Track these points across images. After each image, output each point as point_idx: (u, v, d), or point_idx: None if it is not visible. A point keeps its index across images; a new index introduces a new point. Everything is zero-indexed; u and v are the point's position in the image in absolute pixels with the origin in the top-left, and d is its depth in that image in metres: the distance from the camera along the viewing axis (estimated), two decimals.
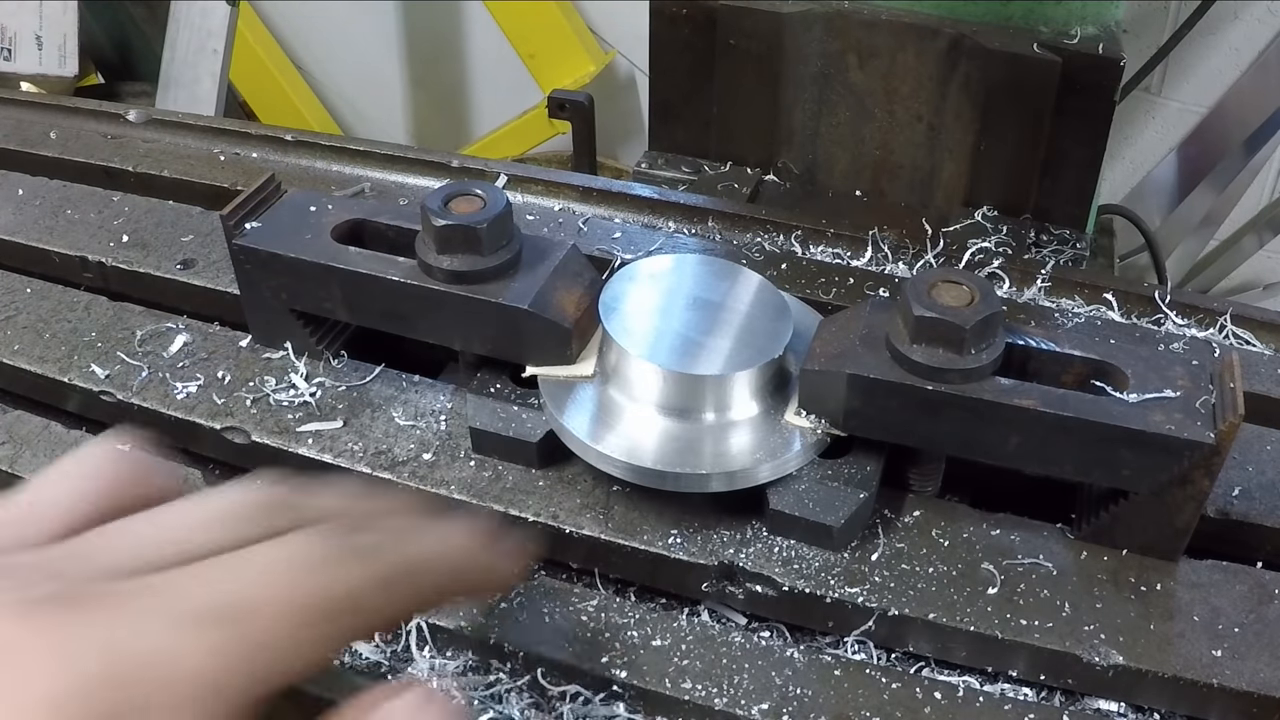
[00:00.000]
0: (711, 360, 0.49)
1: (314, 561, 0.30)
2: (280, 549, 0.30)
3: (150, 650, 0.26)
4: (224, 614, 0.27)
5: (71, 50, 1.75)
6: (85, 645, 0.25)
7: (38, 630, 0.25)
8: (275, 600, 0.29)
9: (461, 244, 0.51)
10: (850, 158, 0.89)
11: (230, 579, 0.29)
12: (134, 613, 0.26)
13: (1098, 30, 0.79)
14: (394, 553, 0.32)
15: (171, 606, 0.27)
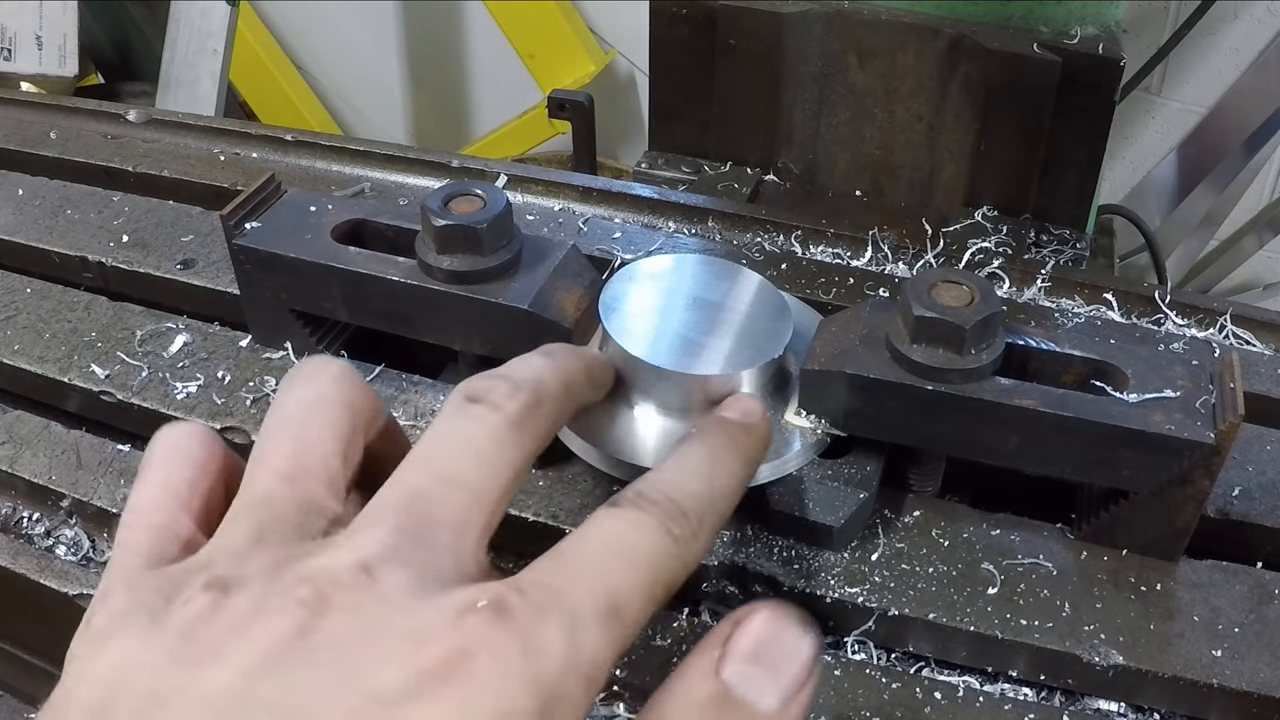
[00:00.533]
0: (711, 360, 0.49)
1: (668, 543, 0.33)
2: (634, 531, 0.33)
3: (570, 649, 0.29)
4: (610, 611, 0.30)
5: (71, 50, 1.75)
6: (545, 648, 0.29)
7: (510, 633, 0.29)
8: (644, 591, 0.32)
9: (461, 244, 0.51)
10: (850, 158, 0.89)
11: (602, 571, 0.31)
12: (554, 617, 0.29)
13: (1098, 30, 0.79)
14: (725, 497, 0.36)
15: (571, 607, 0.30)
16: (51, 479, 0.55)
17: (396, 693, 0.27)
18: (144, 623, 0.31)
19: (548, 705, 0.28)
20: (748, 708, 0.31)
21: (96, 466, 0.56)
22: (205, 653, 0.29)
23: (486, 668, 0.28)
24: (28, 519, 0.56)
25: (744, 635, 0.32)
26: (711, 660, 0.31)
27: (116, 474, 0.56)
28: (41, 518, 0.56)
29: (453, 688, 0.27)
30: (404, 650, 0.28)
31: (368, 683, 0.28)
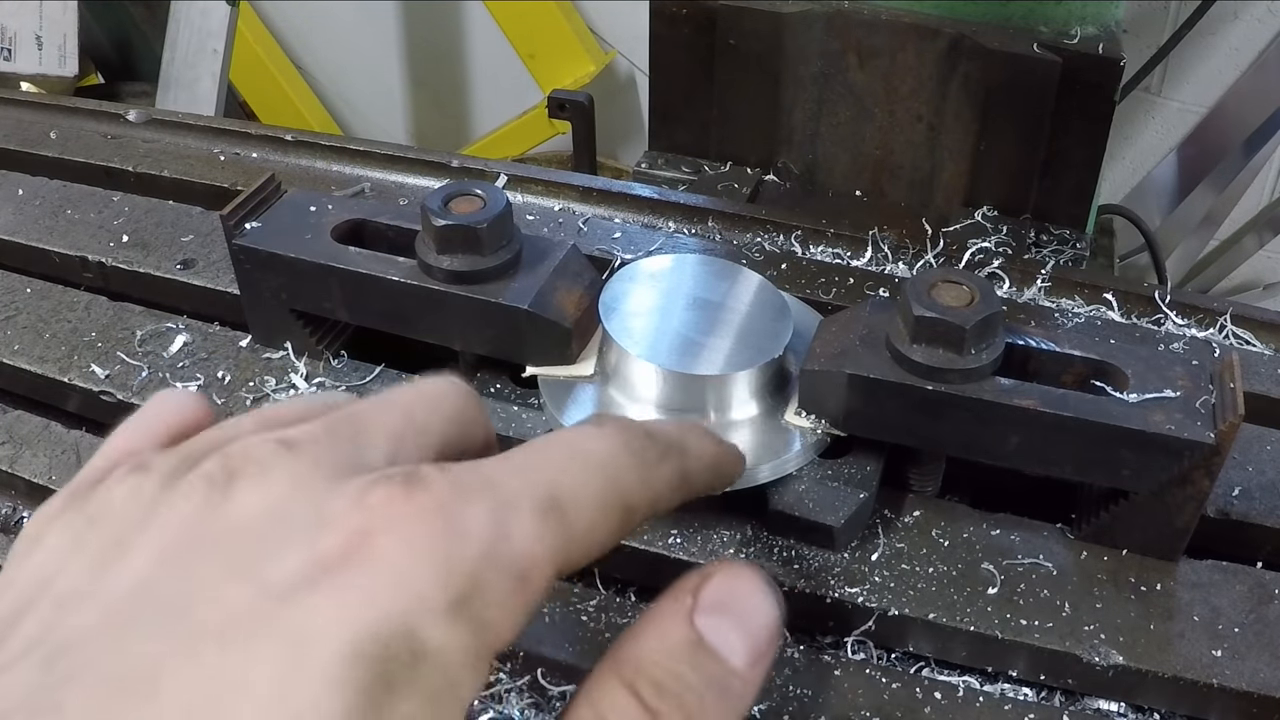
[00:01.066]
0: (711, 360, 0.49)
1: (627, 457, 0.31)
2: (593, 440, 0.31)
3: (495, 536, 0.27)
4: (550, 505, 0.28)
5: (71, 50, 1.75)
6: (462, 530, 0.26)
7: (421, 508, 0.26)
8: (593, 496, 0.30)
9: (461, 244, 0.51)
10: (850, 158, 0.89)
11: (551, 469, 0.29)
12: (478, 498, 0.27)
13: (1098, 30, 0.79)
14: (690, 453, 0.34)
15: (503, 494, 0.28)
16: (51, 479, 0.55)
17: (292, 583, 0.25)
18: (70, 520, 0.30)
19: (461, 598, 0.26)
20: (720, 659, 0.30)
21: None
22: (113, 546, 0.28)
23: (388, 550, 0.26)
24: (28, 519, 0.56)
25: (713, 588, 0.31)
26: (684, 607, 0.30)
27: None
28: None
29: (350, 574, 0.25)
30: (305, 534, 0.26)
31: (263, 574, 0.26)
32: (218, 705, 0.24)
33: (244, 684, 0.24)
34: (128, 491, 0.29)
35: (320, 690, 0.24)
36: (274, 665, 0.24)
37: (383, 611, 0.25)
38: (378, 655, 0.24)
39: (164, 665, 0.24)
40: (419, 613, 0.25)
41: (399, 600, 0.25)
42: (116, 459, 0.32)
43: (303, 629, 0.24)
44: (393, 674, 0.24)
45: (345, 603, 0.25)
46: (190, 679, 0.24)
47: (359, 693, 0.24)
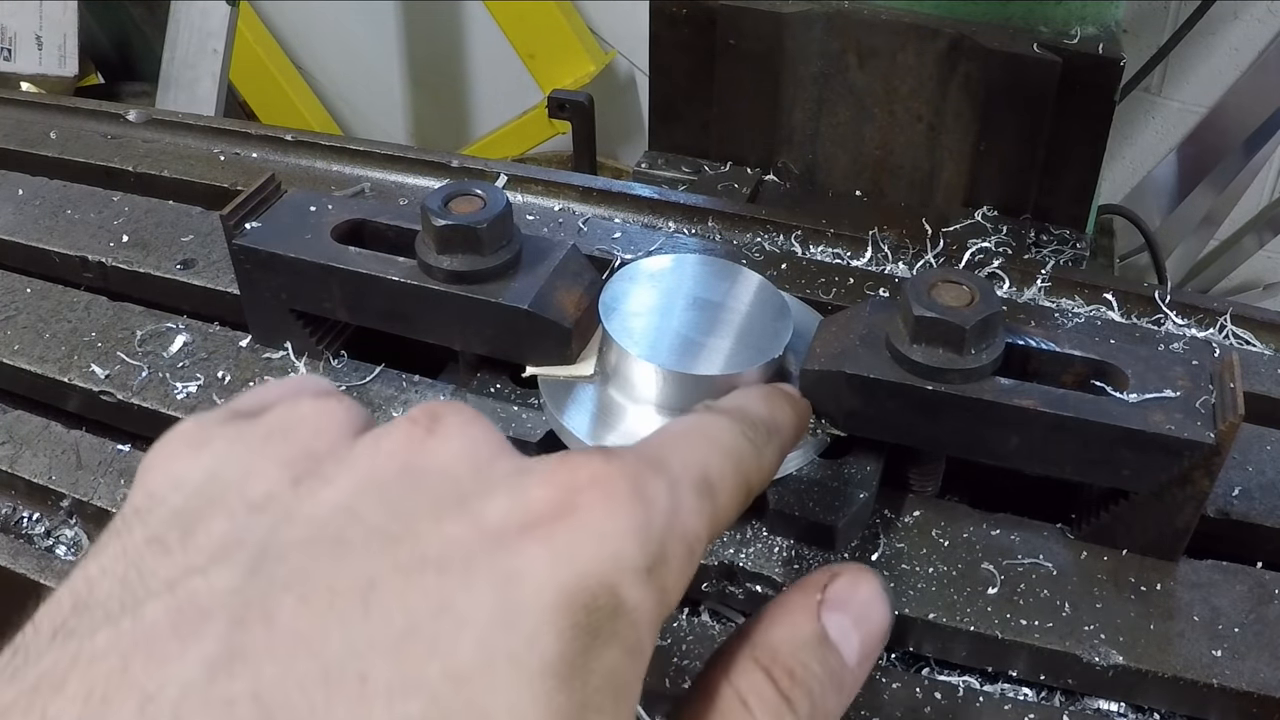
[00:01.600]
0: (711, 360, 0.49)
1: (747, 444, 0.34)
2: (723, 429, 0.34)
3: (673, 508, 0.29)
4: (705, 485, 0.31)
5: (71, 50, 1.75)
6: (653, 497, 0.28)
7: (621, 473, 0.28)
8: (730, 478, 0.32)
9: (461, 244, 0.51)
10: (850, 158, 0.89)
11: (701, 453, 0.32)
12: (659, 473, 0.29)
13: (1098, 30, 0.79)
14: (784, 431, 0.37)
15: (674, 472, 0.30)
16: (51, 479, 0.55)
17: (505, 526, 0.27)
18: (244, 430, 0.30)
19: (653, 564, 0.28)
20: (839, 654, 0.32)
21: (96, 466, 0.56)
22: (308, 463, 0.29)
23: (595, 509, 0.27)
24: (28, 519, 0.56)
25: (839, 586, 0.33)
26: (814, 603, 0.33)
27: (116, 474, 0.56)
28: (41, 518, 0.56)
29: (561, 526, 0.27)
30: (512, 484, 0.28)
31: (478, 513, 0.27)
32: (436, 629, 0.25)
33: (463, 612, 0.25)
34: (317, 415, 0.31)
35: (537, 628, 0.25)
36: (492, 599, 0.25)
37: (590, 565, 0.26)
38: (585, 605, 0.26)
39: (381, 585, 0.25)
40: (621, 571, 0.27)
41: (604, 557, 0.26)
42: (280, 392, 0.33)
43: (517, 569, 0.26)
44: (598, 624, 0.26)
45: (556, 551, 0.26)
46: (408, 602, 0.25)
47: (571, 635, 0.25)
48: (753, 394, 0.38)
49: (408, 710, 0.24)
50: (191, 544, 0.27)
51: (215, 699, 0.23)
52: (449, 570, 0.26)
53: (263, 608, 0.25)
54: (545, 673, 0.25)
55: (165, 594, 0.26)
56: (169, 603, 0.25)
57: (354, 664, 0.24)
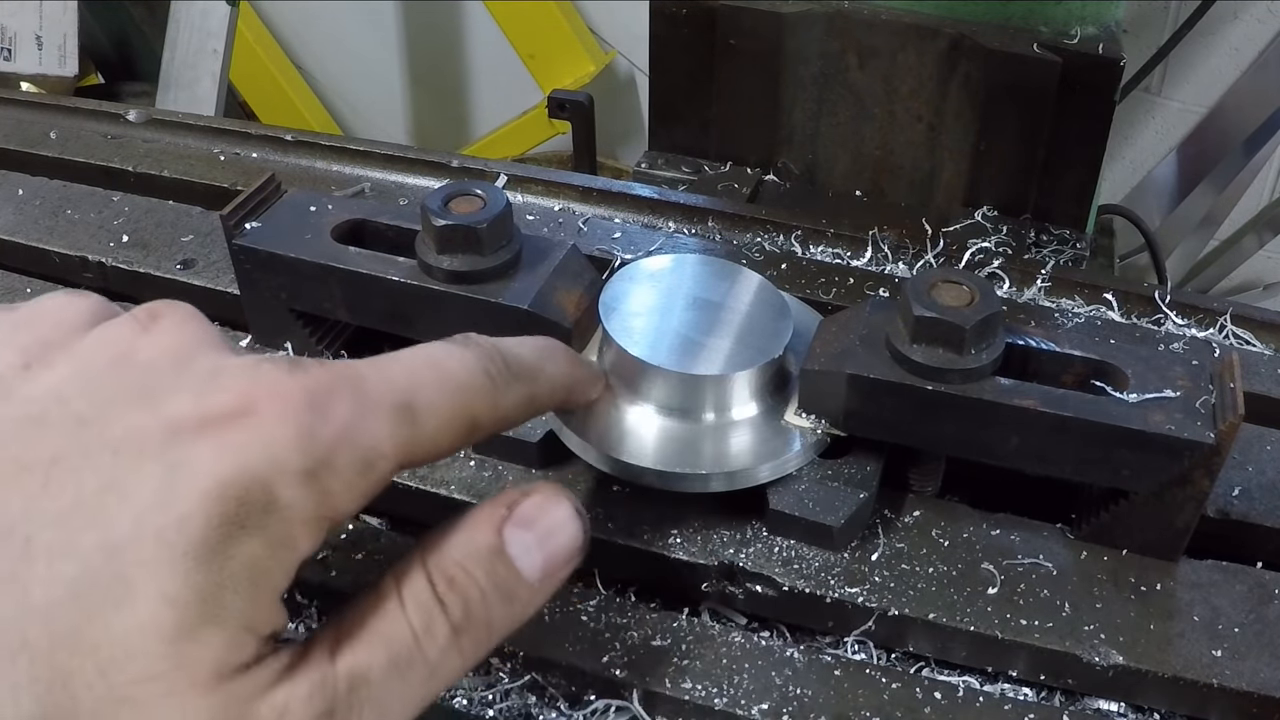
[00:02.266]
0: (711, 360, 0.49)
1: (481, 379, 0.36)
2: (454, 360, 0.36)
3: (352, 424, 0.32)
4: (404, 409, 0.33)
5: (71, 50, 1.75)
6: (328, 409, 0.31)
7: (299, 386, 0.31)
8: (444, 408, 0.34)
9: (461, 244, 0.51)
10: (850, 158, 0.89)
11: (412, 379, 0.34)
12: (346, 390, 0.32)
13: (1098, 30, 0.79)
14: (541, 379, 0.39)
15: (367, 390, 0.32)
16: None
17: (183, 421, 0.30)
18: (6, 323, 0.34)
19: (314, 469, 0.30)
20: (513, 568, 0.34)
21: None
22: (39, 349, 0.33)
23: (263, 416, 0.30)
24: None
25: (527, 504, 0.35)
26: (497, 517, 0.35)
27: None
28: None
29: (229, 428, 0.30)
30: (202, 384, 0.31)
31: (162, 407, 0.31)
32: (101, 504, 0.29)
33: (127, 492, 0.29)
34: (61, 309, 0.34)
35: (187, 512, 0.29)
36: (155, 482, 0.29)
37: (249, 463, 0.30)
38: (236, 497, 0.29)
39: (63, 463, 0.29)
40: (277, 471, 0.30)
41: (263, 458, 0.30)
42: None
43: (184, 459, 0.29)
44: (245, 515, 0.29)
45: (221, 449, 0.30)
46: (81, 478, 0.29)
47: (217, 522, 0.29)
48: (525, 341, 0.40)
49: (63, 571, 0.28)
50: None
51: None
52: (123, 454, 0.30)
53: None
54: (189, 553, 0.28)
55: None
56: None
57: (24, 527, 0.29)
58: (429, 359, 0.35)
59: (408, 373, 0.34)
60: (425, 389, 0.34)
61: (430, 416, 0.34)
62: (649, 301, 0.51)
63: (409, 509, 0.53)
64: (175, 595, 0.28)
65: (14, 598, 0.28)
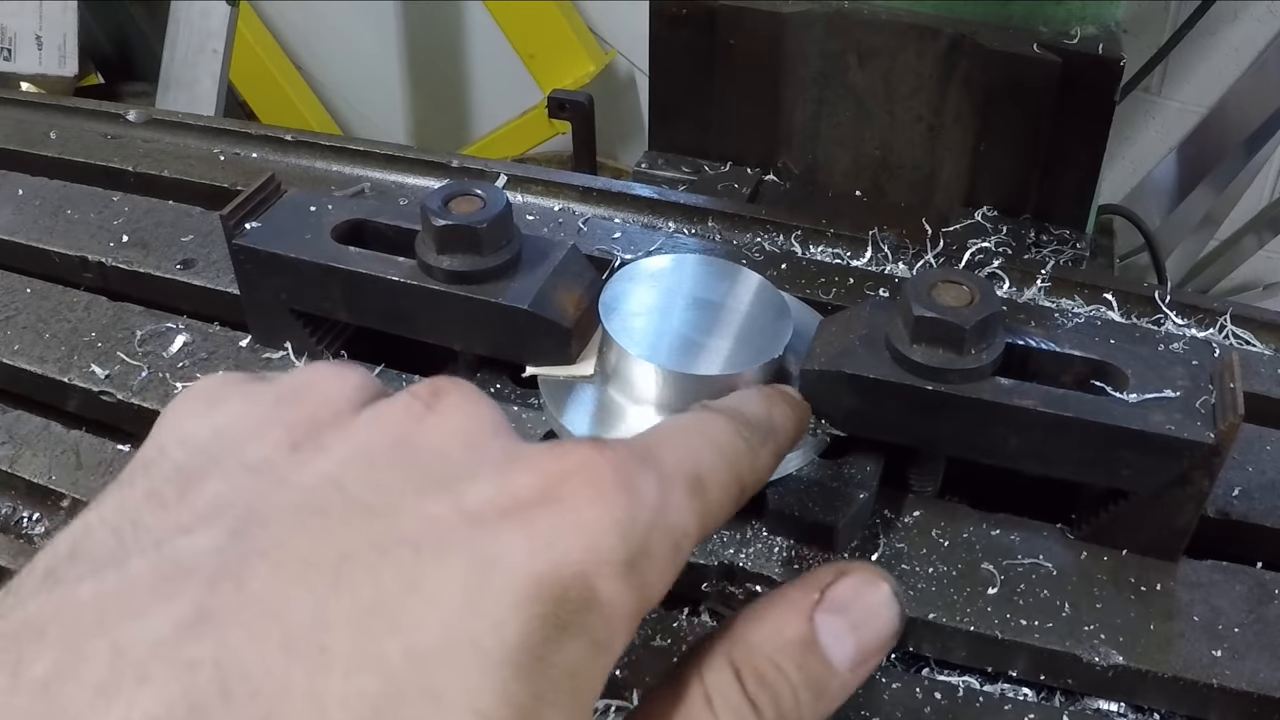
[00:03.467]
0: (711, 360, 0.49)
1: (742, 444, 0.34)
2: (718, 429, 0.34)
3: (662, 504, 0.29)
4: (697, 483, 0.31)
5: (71, 50, 1.75)
6: (639, 490, 0.28)
7: (609, 465, 0.28)
8: (723, 478, 0.32)
9: (461, 244, 0.51)
10: (850, 158, 0.89)
11: (694, 451, 0.32)
12: (649, 468, 0.29)
13: (1098, 30, 0.79)
14: (780, 433, 0.37)
15: (665, 468, 0.30)
16: (51, 479, 0.55)
17: (486, 509, 0.27)
18: (258, 391, 0.31)
19: (634, 559, 0.27)
20: (825, 660, 0.31)
21: (96, 466, 0.56)
22: (310, 429, 0.29)
23: (578, 495, 0.27)
24: (28, 519, 0.56)
25: (843, 587, 0.33)
26: (810, 602, 0.32)
27: (116, 474, 0.56)
28: (41, 517, 0.56)
29: (542, 513, 0.27)
30: (500, 467, 0.28)
31: (460, 494, 0.27)
32: (402, 608, 0.25)
33: (431, 593, 0.25)
34: (327, 382, 0.31)
35: (503, 614, 0.25)
36: (463, 581, 0.25)
37: (567, 555, 0.26)
38: (557, 596, 0.26)
39: (354, 559, 0.25)
40: (599, 563, 0.26)
41: (583, 548, 0.26)
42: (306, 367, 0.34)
43: (492, 554, 0.26)
44: (567, 616, 0.26)
45: (534, 538, 0.26)
46: (378, 577, 0.25)
47: (538, 625, 0.25)
48: (751, 395, 0.38)
49: (364, 685, 0.24)
50: (185, 502, 0.28)
51: (180, 660, 0.24)
52: (423, 549, 0.26)
53: (237, 572, 0.25)
54: (505, 660, 0.25)
55: (152, 550, 0.26)
56: (154, 559, 0.26)
57: (317, 635, 0.24)
58: (697, 429, 0.33)
59: (689, 445, 0.32)
60: (706, 461, 0.32)
61: (714, 487, 0.31)
62: (649, 301, 0.51)
63: None
64: (490, 711, 0.24)
65: (311, 717, 0.24)
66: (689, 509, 0.30)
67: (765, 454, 0.35)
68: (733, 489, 0.32)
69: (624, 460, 0.28)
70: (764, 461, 0.35)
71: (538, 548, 0.26)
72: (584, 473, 0.28)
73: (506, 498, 0.27)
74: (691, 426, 0.33)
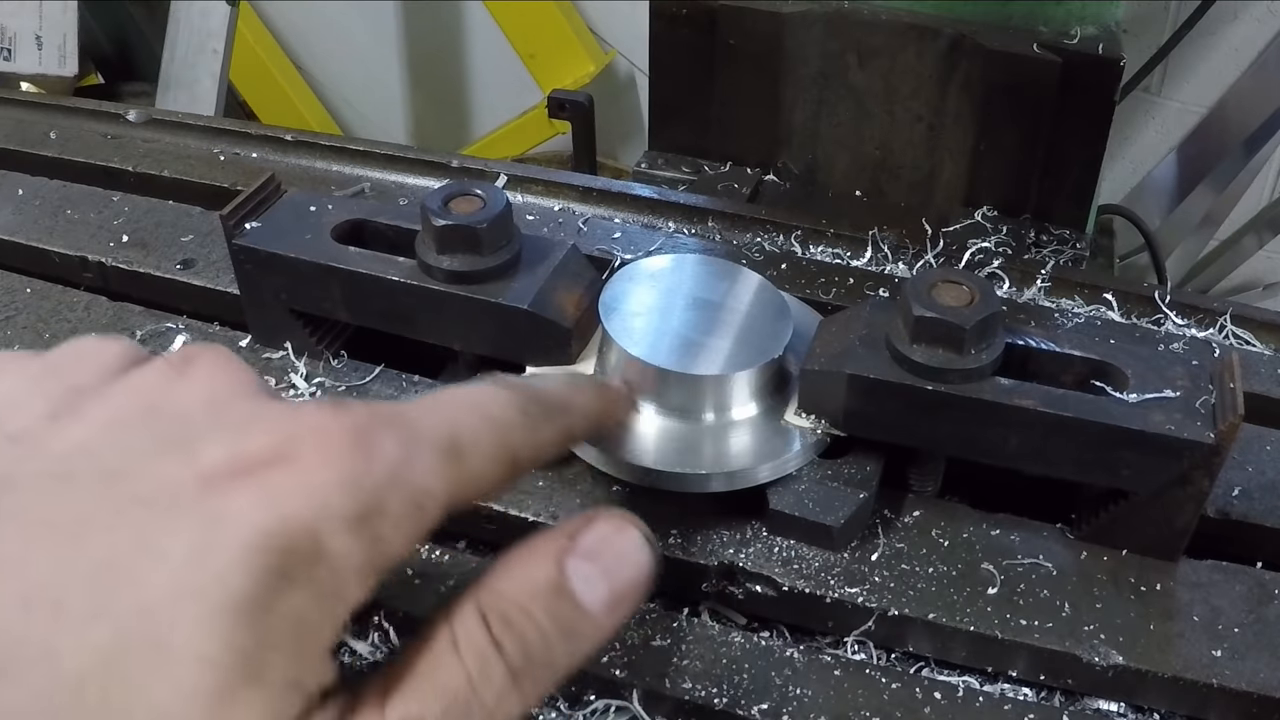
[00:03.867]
0: (711, 360, 0.49)
1: (518, 416, 0.35)
2: (491, 399, 0.34)
3: (401, 464, 0.30)
4: (450, 447, 0.32)
5: (71, 50, 1.75)
6: (376, 450, 0.30)
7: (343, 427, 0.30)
8: (487, 446, 0.33)
9: (461, 244, 0.51)
10: (850, 158, 0.89)
11: (454, 417, 0.33)
12: (392, 430, 0.30)
13: (1098, 30, 0.79)
14: (574, 412, 0.38)
15: (413, 430, 0.31)
16: None
17: (219, 469, 0.28)
18: (29, 364, 0.33)
19: (364, 515, 0.29)
20: (576, 603, 0.32)
21: None
22: (71, 399, 0.31)
23: (309, 455, 0.29)
24: None
25: (593, 533, 0.34)
26: (558, 548, 0.33)
27: None
28: None
29: (272, 473, 0.28)
30: (239, 429, 0.30)
31: (196, 456, 0.29)
32: (134, 564, 0.27)
33: (161, 550, 0.27)
34: (91, 353, 0.33)
35: (227, 568, 0.27)
36: (190, 538, 0.27)
37: (293, 511, 0.28)
38: (282, 548, 0.27)
39: (92, 520, 0.28)
40: (325, 519, 0.28)
41: (310, 505, 0.28)
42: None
43: (221, 511, 0.28)
44: (291, 567, 0.27)
45: (262, 497, 0.28)
46: (113, 537, 0.27)
47: (261, 576, 0.27)
48: (550, 377, 0.40)
49: (95, 636, 0.26)
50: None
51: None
52: (156, 509, 0.28)
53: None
54: (230, 609, 0.27)
55: None
56: None
57: (54, 592, 0.27)
58: (467, 398, 0.34)
59: (449, 411, 0.33)
60: (468, 427, 0.33)
61: (475, 453, 0.32)
62: (649, 301, 0.51)
63: None
64: (215, 657, 0.26)
65: (46, 668, 0.26)
66: (436, 471, 0.31)
67: (549, 430, 0.36)
68: (501, 458, 0.33)
69: (362, 421, 0.30)
70: (545, 437, 0.36)
71: (265, 504, 0.28)
72: (316, 433, 0.29)
73: (240, 458, 0.29)
74: (461, 396, 0.34)
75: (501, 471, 0.34)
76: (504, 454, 0.34)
